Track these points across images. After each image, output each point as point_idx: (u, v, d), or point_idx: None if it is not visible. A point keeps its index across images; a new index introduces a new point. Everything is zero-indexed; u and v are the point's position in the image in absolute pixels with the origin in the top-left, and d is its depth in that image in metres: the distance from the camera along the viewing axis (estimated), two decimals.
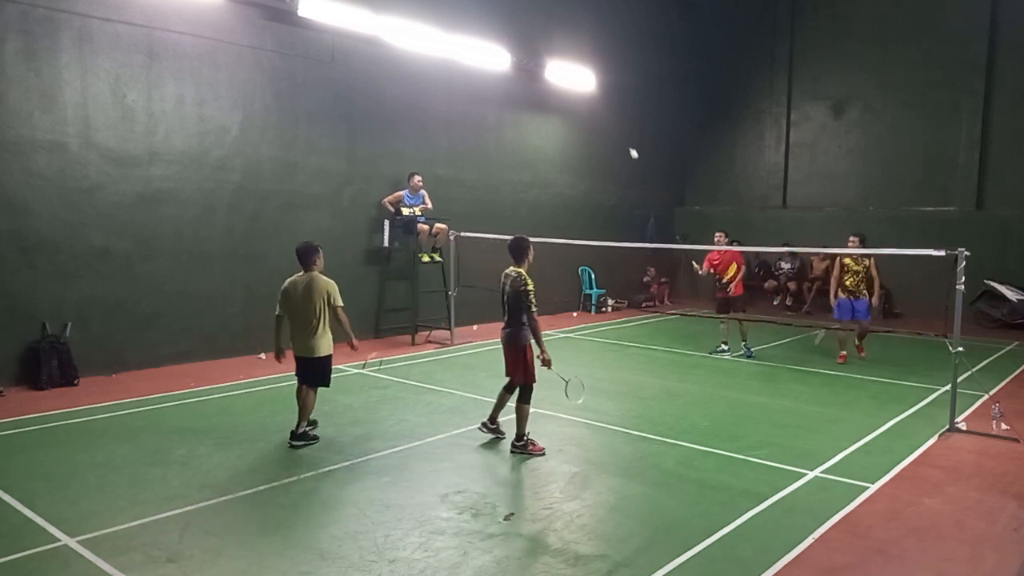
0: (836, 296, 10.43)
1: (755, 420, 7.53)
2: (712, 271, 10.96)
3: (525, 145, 14.74)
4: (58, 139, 8.58)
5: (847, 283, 10.30)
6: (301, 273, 6.60)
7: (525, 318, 6.24)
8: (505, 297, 6.40)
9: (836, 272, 10.45)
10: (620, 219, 16.75)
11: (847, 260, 10.27)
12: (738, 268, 10.89)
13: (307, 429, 6.60)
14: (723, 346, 11.12)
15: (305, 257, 6.60)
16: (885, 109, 16.04)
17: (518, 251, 6.42)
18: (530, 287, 6.19)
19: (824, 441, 6.77)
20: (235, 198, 10.22)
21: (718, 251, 10.90)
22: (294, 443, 6.44)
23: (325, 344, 6.58)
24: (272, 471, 5.81)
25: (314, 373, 6.60)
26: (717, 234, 11.02)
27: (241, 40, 10.14)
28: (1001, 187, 14.71)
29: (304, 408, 6.55)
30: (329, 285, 6.56)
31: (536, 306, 6.20)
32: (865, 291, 10.27)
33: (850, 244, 9.96)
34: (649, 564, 4.34)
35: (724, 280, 10.85)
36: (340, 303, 6.58)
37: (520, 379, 6.36)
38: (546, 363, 6.27)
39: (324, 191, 11.27)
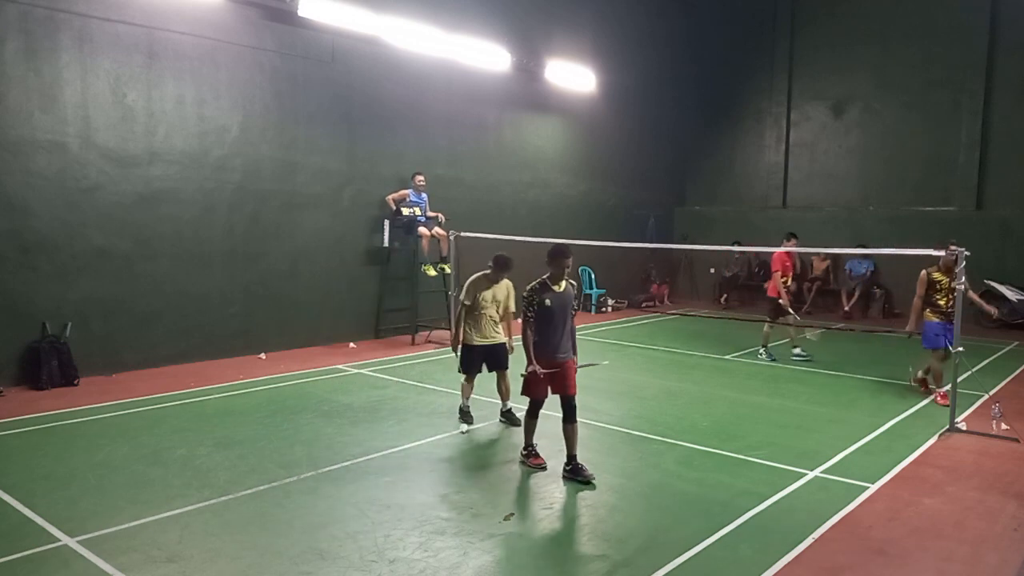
0: (918, 319, 8.28)
1: (755, 420, 7.53)
2: (782, 274, 10.69)
3: (525, 145, 14.74)
4: (58, 139, 8.58)
5: (941, 303, 8.09)
6: None
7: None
8: None
9: (921, 290, 8.21)
10: (620, 219, 16.75)
11: (938, 275, 8.12)
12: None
13: (503, 409, 7.37)
14: (795, 349, 10.84)
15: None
16: (885, 109, 16.04)
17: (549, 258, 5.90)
18: (523, 294, 5.81)
19: (824, 441, 6.77)
20: (235, 198, 10.22)
21: (787, 253, 10.70)
22: (500, 419, 7.36)
23: (464, 335, 7.12)
24: (272, 471, 5.81)
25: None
26: (793, 239, 10.82)
27: (241, 40, 10.14)
28: (1001, 187, 14.70)
29: (499, 390, 7.39)
30: (466, 283, 7.18)
31: (528, 314, 5.76)
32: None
33: (951, 249, 7.84)
34: (649, 564, 4.34)
35: (787, 283, 10.77)
36: (462, 298, 7.15)
37: (521, 389, 6.06)
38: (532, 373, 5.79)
39: (324, 191, 11.27)
